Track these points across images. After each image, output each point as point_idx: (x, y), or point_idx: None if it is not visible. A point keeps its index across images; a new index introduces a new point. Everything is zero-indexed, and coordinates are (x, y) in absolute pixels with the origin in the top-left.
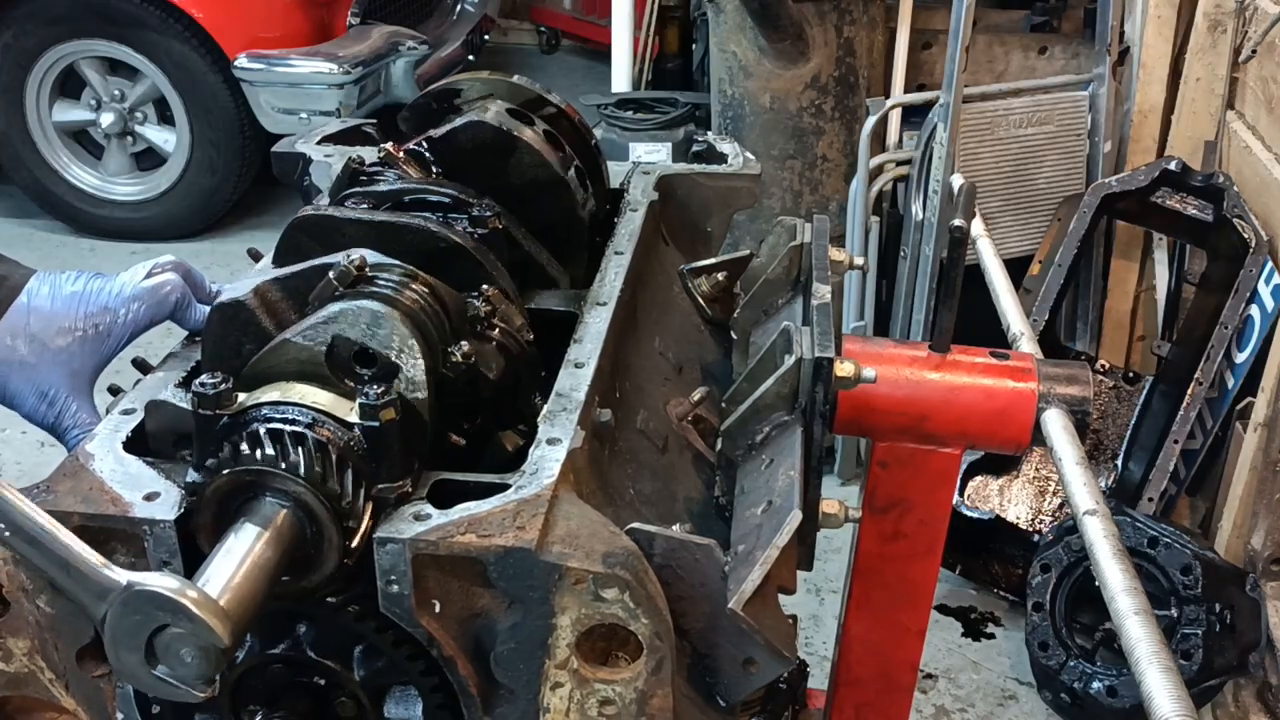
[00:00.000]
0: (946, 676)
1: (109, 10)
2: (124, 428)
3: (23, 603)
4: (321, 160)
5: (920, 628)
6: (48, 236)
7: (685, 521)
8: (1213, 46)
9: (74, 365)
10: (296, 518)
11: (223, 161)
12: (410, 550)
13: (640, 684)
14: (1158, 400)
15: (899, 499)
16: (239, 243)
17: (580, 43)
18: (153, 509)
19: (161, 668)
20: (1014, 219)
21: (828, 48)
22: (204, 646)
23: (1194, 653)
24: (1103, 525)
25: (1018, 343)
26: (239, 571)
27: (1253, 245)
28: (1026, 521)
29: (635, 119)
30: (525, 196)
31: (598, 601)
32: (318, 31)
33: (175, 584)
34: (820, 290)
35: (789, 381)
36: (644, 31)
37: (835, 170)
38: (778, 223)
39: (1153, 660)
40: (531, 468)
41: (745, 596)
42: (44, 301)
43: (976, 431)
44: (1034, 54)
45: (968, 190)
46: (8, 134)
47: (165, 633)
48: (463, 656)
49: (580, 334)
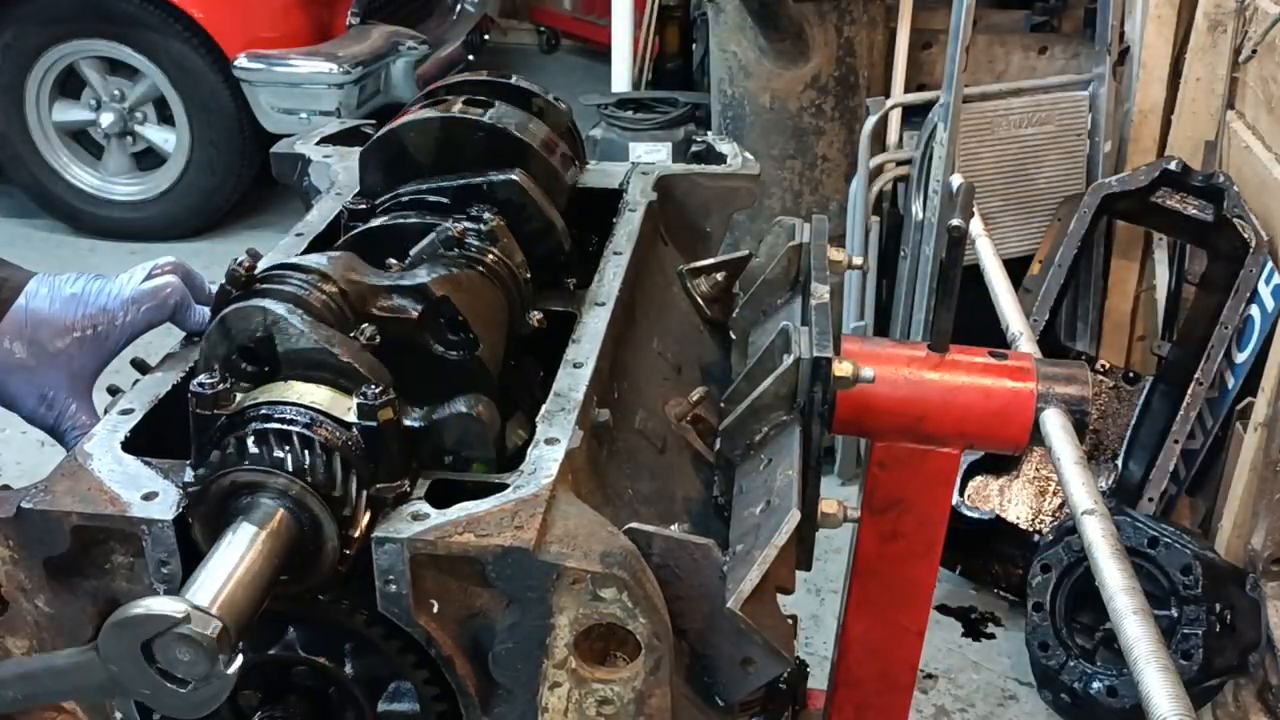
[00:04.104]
0: (946, 676)
1: (109, 10)
2: (122, 428)
3: (21, 602)
4: (320, 161)
5: (920, 628)
6: (48, 236)
7: (684, 521)
8: (1213, 46)
9: (73, 367)
10: (295, 518)
11: (223, 161)
12: (408, 550)
13: (638, 684)
14: (1158, 400)
15: (898, 499)
16: (239, 243)
17: (580, 43)
18: (151, 508)
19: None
20: (1014, 219)
21: (828, 48)
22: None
23: (1194, 653)
24: (1101, 525)
25: (1017, 342)
26: (236, 571)
27: (1253, 245)
28: (1026, 521)
29: (635, 119)
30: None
31: (596, 601)
32: (318, 31)
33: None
34: (819, 290)
35: (787, 381)
36: (644, 31)
37: (835, 170)
38: (776, 223)
39: (1151, 660)
40: (530, 467)
41: (744, 596)
42: (42, 303)
43: (975, 431)
44: (1034, 54)
45: (966, 190)
46: (8, 134)
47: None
48: (461, 656)
49: (579, 334)
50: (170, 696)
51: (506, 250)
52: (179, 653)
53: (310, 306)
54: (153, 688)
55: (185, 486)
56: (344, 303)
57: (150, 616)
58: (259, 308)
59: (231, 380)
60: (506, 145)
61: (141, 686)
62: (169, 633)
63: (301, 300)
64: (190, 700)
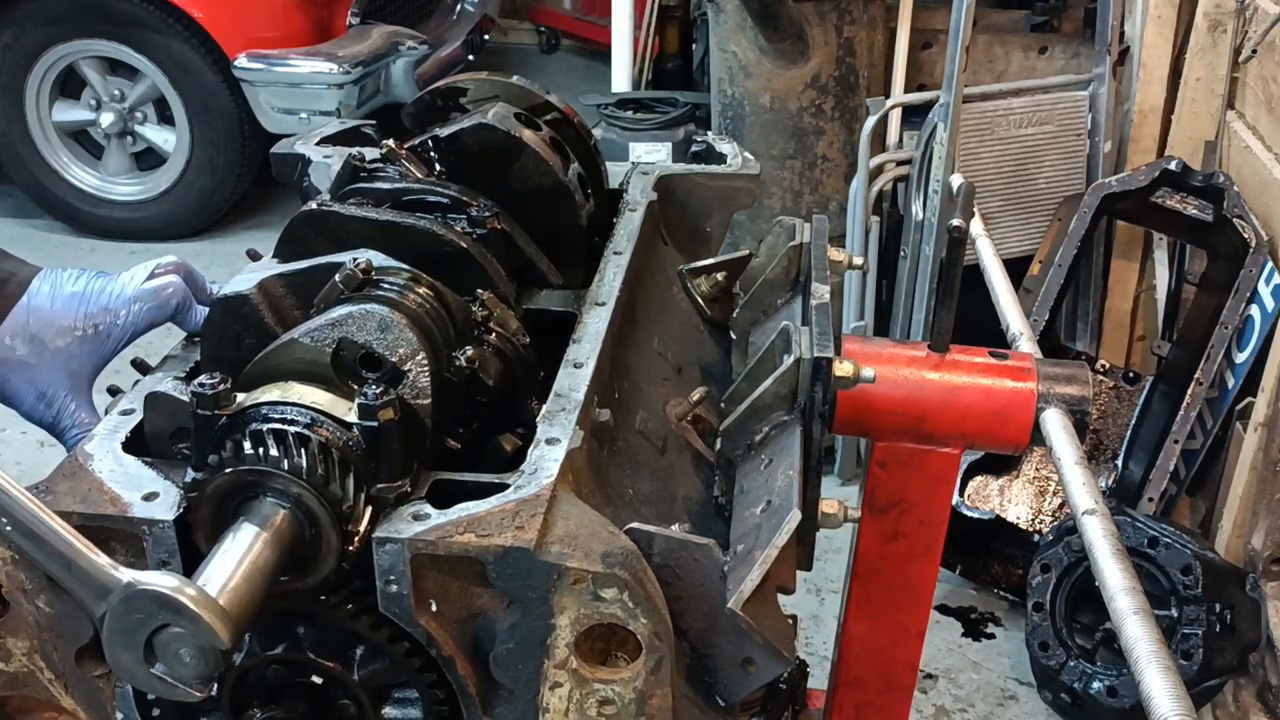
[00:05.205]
0: (946, 676)
1: (109, 10)
2: (123, 428)
3: (22, 603)
4: (320, 161)
5: (920, 628)
6: (48, 236)
7: (684, 521)
8: (1213, 46)
9: (73, 365)
10: (295, 518)
11: (223, 161)
12: (409, 550)
13: (639, 684)
14: (1158, 400)
15: (898, 499)
16: (239, 243)
17: (580, 43)
18: (151, 509)
19: (160, 666)
20: (1014, 219)
21: (828, 48)
22: (203, 647)
23: (1194, 653)
24: (1102, 525)
25: (1017, 343)
26: (238, 572)
27: (1253, 245)
28: (1026, 521)
29: (635, 119)
30: (526, 201)
31: (596, 601)
32: (318, 31)
33: (176, 583)
34: (819, 290)
35: (788, 381)
36: (644, 31)
37: (835, 170)
38: (776, 222)
39: (1151, 660)
40: (530, 468)
41: (744, 596)
42: (44, 301)
43: (976, 431)
44: (1034, 54)
45: (966, 190)
46: (8, 134)
47: (165, 632)
48: (462, 656)
49: (579, 334)
50: (147, 677)
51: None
52: (181, 652)
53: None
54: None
55: (186, 487)
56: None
57: (165, 597)
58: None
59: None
60: (547, 181)
61: (136, 673)
62: (174, 630)
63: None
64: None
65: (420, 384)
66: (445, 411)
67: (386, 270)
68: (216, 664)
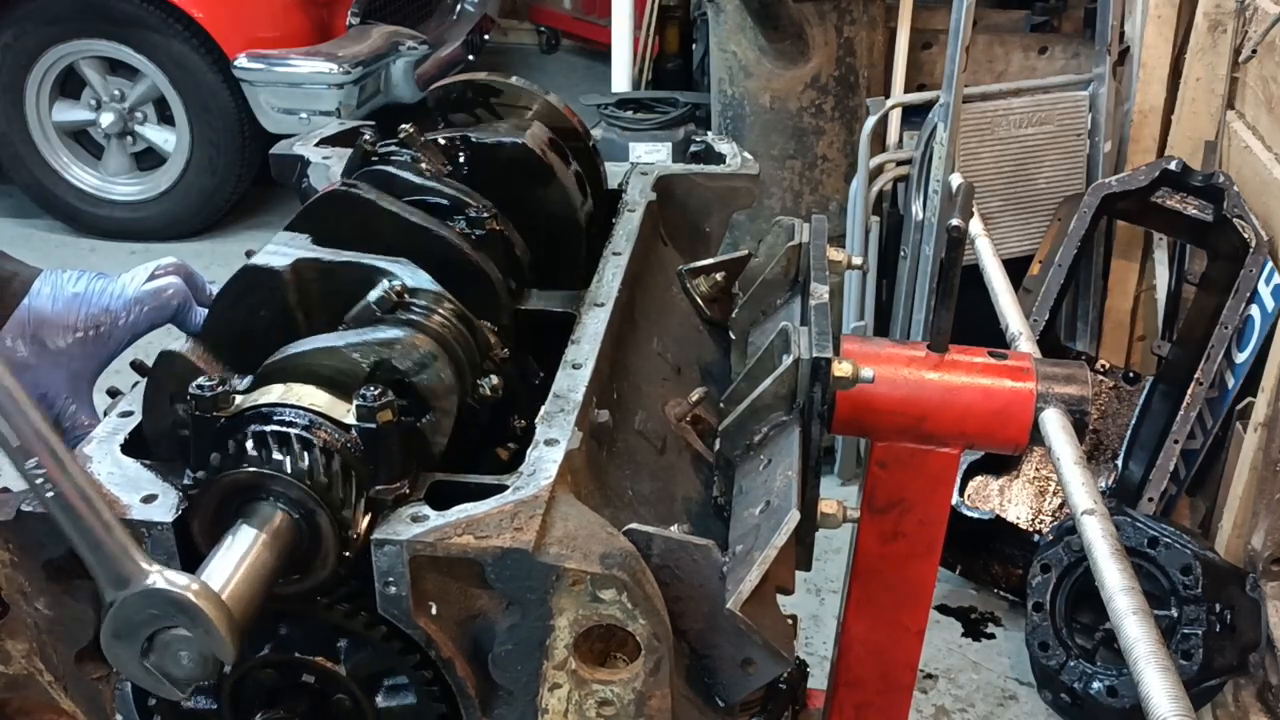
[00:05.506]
0: (946, 676)
1: (109, 10)
2: (122, 430)
3: (21, 605)
4: (320, 162)
5: (920, 628)
6: (48, 236)
7: (683, 522)
8: (1213, 46)
9: (73, 366)
10: (294, 520)
11: (223, 161)
12: (408, 552)
13: (638, 685)
14: (1158, 400)
15: (898, 499)
16: (239, 243)
17: (580, 43)
18: (151, 510)
19: (153, 659)
20: (1014, 219)
21: (828, 48)
22: (206, 655)
23: (1194, 653)
24: (1101, 525)
25: (1017, 342)
26: (237, 574)
27: (1253, 245)
28: (1026, 521)
29: (635, 119)
30: (537, 225)
31: (595, 602)
32: (318, 31)
33: (201, 590)
34: (818, 290)
35: (787, 382)
36: (644, 31)
37: (835, 170)
38: (776, 222)
39: (1150, 660)
40: (529, 469)
41: (743, 597)
42: (45, 302)
43: (975, 431)
44: (1034, 54)
45: (966, 190)
46: (8, 134)
47: (170, 632)
48: (461, 657)
49: (578, 335)
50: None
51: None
52: (181, 654)
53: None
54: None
55: (185, 489)
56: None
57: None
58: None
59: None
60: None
61: (127, 663)
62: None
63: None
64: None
65: (442, 425)
66: (466, 441)
67: (418, 293)
68: (213, 671)
